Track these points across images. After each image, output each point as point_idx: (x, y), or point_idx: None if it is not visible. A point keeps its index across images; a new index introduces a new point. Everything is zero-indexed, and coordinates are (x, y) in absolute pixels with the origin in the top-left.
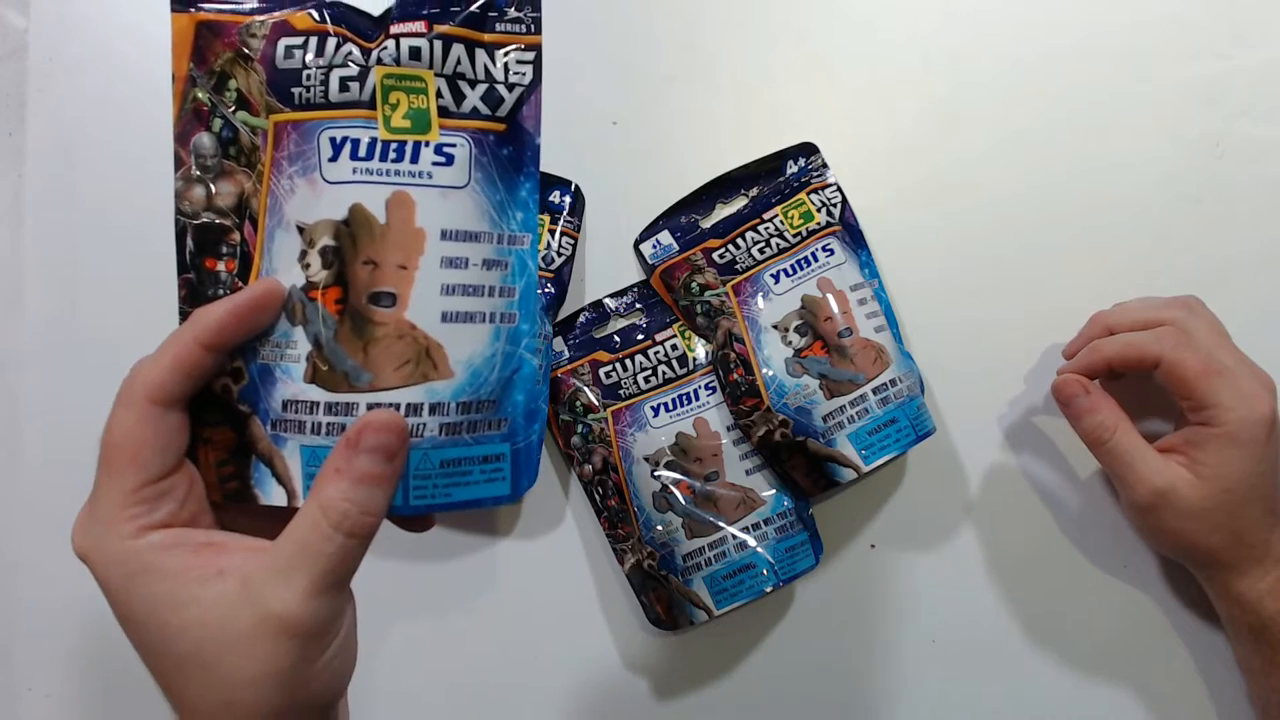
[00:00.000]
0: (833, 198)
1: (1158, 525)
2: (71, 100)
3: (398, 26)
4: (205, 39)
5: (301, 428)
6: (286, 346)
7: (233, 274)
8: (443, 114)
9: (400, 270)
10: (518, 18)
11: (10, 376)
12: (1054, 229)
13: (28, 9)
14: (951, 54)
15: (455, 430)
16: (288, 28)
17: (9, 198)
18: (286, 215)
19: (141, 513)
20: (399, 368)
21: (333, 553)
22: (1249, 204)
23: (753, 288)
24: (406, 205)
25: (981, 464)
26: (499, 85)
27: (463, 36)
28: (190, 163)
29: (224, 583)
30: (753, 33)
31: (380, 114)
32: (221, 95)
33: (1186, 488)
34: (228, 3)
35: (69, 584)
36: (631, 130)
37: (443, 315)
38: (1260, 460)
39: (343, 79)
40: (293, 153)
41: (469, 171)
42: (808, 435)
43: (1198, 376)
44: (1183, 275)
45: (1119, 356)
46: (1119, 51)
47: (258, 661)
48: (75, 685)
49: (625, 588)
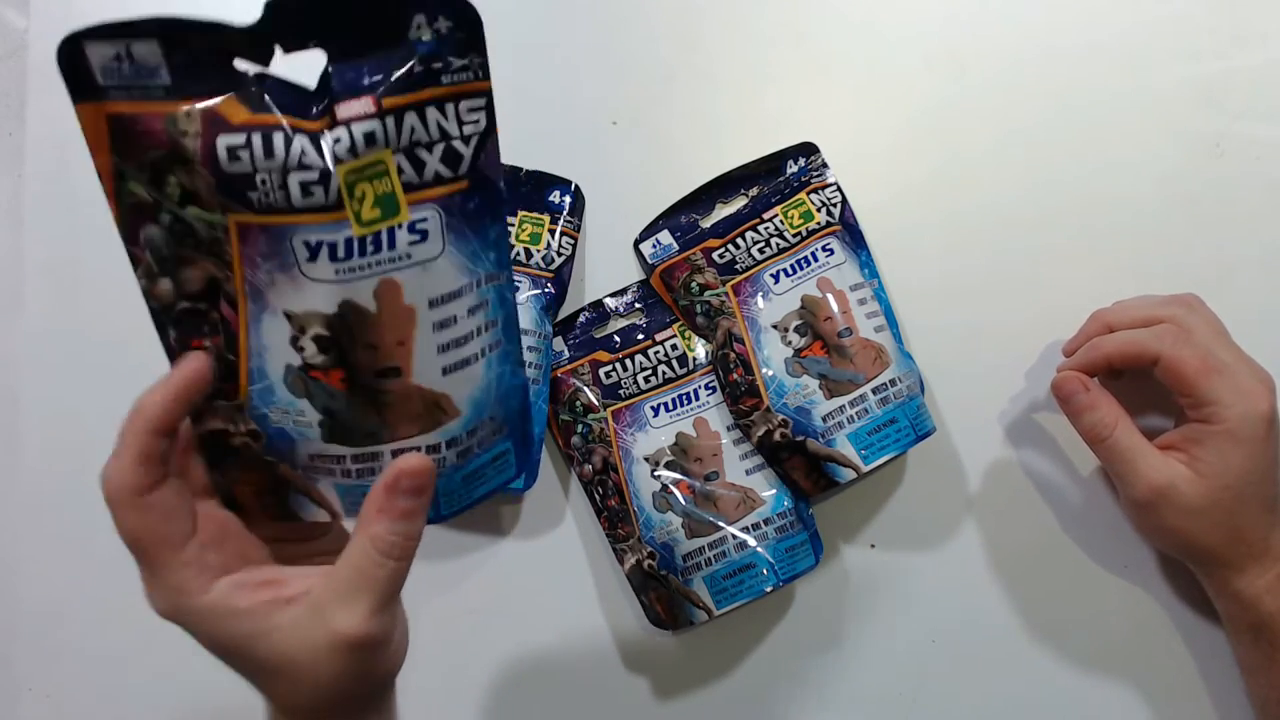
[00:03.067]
0: (833, 198)
1: (1157, 522)
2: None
3: (344, 107)
4: (124, 133)
5: (332, 473)
6: (296, 414)
7: (219, 347)
8: (407, 189)
9: (399, 346)
10: (464, 65)
11: (10, 376)
12: (1054, 229)
13: (28, 9)
14: (951, 54)
15: (468, 452)
16: (222, 122)
17: (9, 198)
18: (270, 302)
19: (194, 574)
20: (413, 421)
21: (385, 576)
22: (1249, 204)
23: (752, 287)
24: (393, 289)
25: (981, 463)
26: (455, 140)
27: (412, 102)
28: (147, 259)
29: (295, 609)
30: (753, 33)
31: (350, 211)
32: (162, 191)
33: (1186, 485)
34: (135, 88)
35: (69, 584)
36: (631, 130)
37: (442, 370)
38: (1260, 458)
39: (303, 183)
40: (265, 251)
41: (443, 239)
42: (807, 435)
43: (1197, 374)
44: (1183, 275)
45: (1118, 353)
46: (1119, 51)
47: (333, 669)
48: (75, 685)
49: (625, 588)
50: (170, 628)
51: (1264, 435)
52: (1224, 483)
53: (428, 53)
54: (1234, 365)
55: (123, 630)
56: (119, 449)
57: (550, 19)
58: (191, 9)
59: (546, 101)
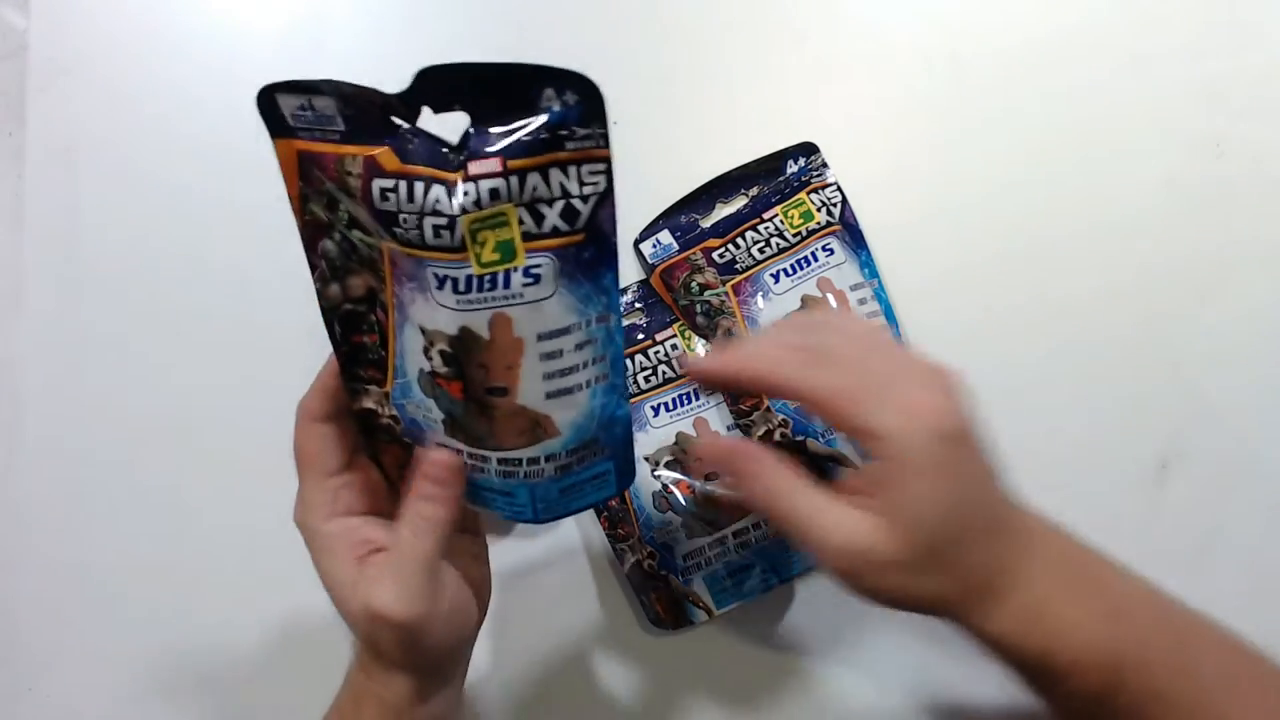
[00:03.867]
0: (833, 198)
1: (862, 589)
2: (71, 100)
3: (475, 165)
4: (308, 165)
5: None
6: (426, 410)
7: (376, 344)
8: (525, 238)
9: (507, 370)
10: (587, 134)
11: (10, 376)
12: (1054, 229)
13: (28, 9)
14: (952, 54)
15: (567, 468)
16: (378, 168)
17: (9, 198)
18: (410, 315)
19: (327, 501)
20: (517, 436)
21: (411, 556)
22: (1249, 204)
23: (752, 287)
24: (505, 323)
25: None
26: (575, 199)
27: (536, 165)
28: (322, 266)
29: (360, 573)
30: (753, 33)
31: (471, 253)
32: (335, 214)
33: (883, 540)
34: (317, 131)
35: (69, 584)
36: (631, 130)
37: (546, 394)
38: (955, 481)
39: (435, 227)
40: (408, 273)
41: (555, 283)
42: (807, 435)
43: (841, 404)
44: (1183, 275)
45: (753, 388)
46: (1119, 51)
47: (371, 632)
48: (75, 685)
49: (625, 588)
50: (169, 629)
51: (951, 455)
52: (921, 525)
53: (555, 121)
54: (893, 378)
55: (123, 630)
56: (313, 384)
57: (551, 19)
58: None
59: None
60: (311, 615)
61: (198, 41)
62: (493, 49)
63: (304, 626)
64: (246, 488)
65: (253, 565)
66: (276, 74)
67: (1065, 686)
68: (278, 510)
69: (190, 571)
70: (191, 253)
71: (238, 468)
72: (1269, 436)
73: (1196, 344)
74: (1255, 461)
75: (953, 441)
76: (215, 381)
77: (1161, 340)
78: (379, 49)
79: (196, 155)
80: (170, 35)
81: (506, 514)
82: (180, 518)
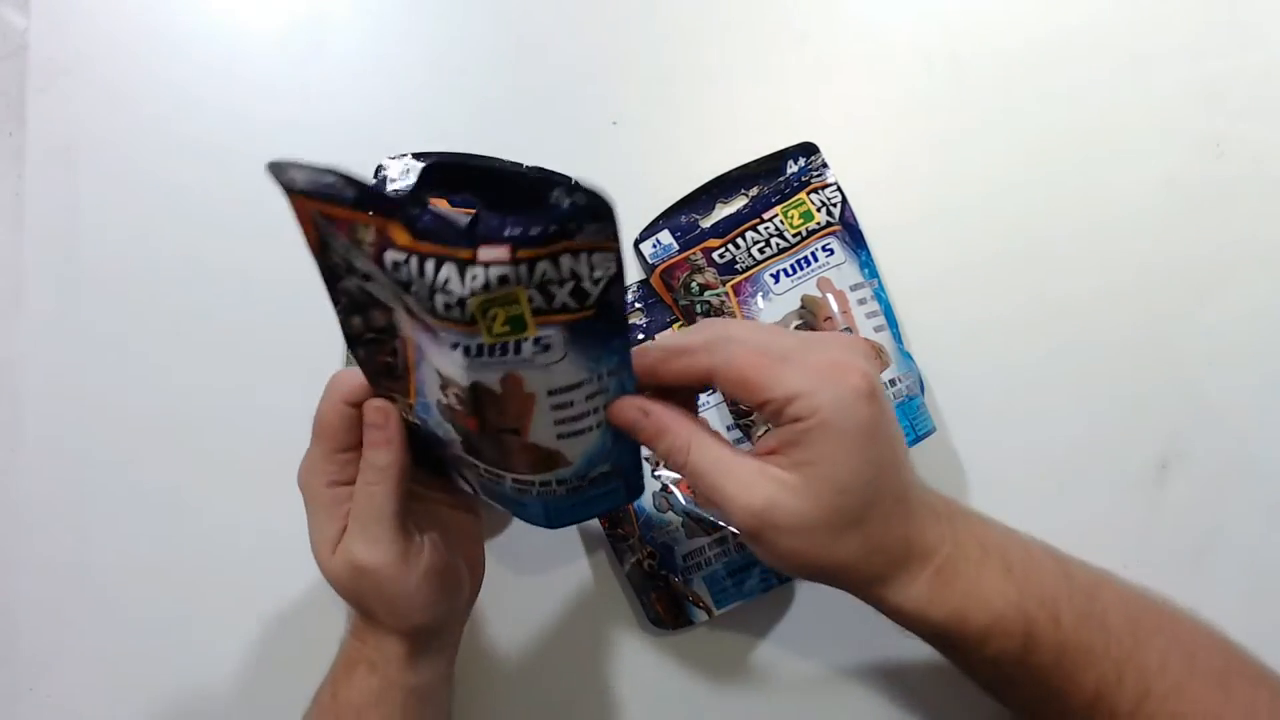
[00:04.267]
0: (833, 198)
1: (772, 551)
2: (71, 100)
3: (484, 251)
4: (324, 221)
5: (475, 468)
6: (444, 430)
7: (399, 367)
8: (536, 313)
9: (518, 416)
10: (597, 229)
11: (10, 376)
12: (1054, 229)
13: (28, 9)
14: (952, 54)
15: (579, 489)
16: (389, 241)
17: (9, 198)
18: (428, 356)
19: (333, 470)
20: (530, 466)
21: (369, 504)
22: (1249, 204)
23: (752, 287)
24: (516, 381)
25: (981, 463)
26: (584, 282)
27: (547, 254)
28: (345, 301)
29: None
30: (753, 33)
31: (482, 326)
32: (352, 267)
33: (791, 498)
34: (330, 198)
35: (69, 584)
36: (631, 130)
37: (558, 435)
38: (870, 444)
39: (445, 304)
40: (421, 329)
41: (565, 348)
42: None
43: (758, 368)
44: (1183, 275)
45: (670, 378)
46: (1119, 51)
47: (353, 585)
48: (76, 686)
49: (625, 588)
50: (169, 629)
51: (868, 417)
52: (836, 486)
53: (564, 216)
54: (802, 348)
55: (123, 630)
56: (354, 369)
57: (551, 19)
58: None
59: (546, 101)
60: (311, 615)
61: (198, 41)
62: (493, 50)
63: (304, 627)
64: (246, 488)
65: (253, 565)
66: (276, 74)
67: (983, 651)
68: (278, 510)
69: (190, 571)
70: (191, 253)
71: (238, 468)
72: (1269, 436)
73: (1196, 344)
74: (1255, 461)
75: (870, 401)
76: (215, 382)
77: (1161, 340)
78: (379, 50)
79: (196, 155)
80: (170, 35)
81: (520, 517)
82: (180, 518)
